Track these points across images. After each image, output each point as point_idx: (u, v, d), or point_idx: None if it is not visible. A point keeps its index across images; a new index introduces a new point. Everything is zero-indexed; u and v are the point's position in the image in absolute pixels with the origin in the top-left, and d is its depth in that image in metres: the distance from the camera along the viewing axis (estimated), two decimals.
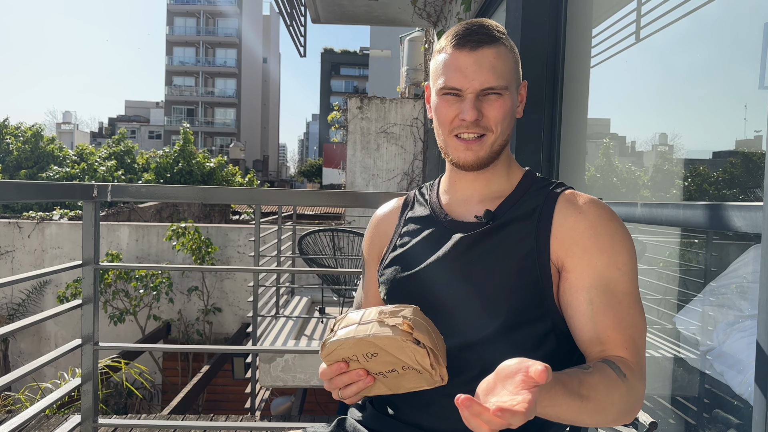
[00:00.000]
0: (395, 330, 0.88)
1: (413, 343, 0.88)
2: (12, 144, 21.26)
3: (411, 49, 9.11)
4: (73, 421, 2.12)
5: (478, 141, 1.08)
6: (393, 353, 0.89)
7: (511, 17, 2.87)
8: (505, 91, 1.07)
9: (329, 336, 0.93)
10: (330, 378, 0.94)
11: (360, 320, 0.92)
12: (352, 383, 0.93)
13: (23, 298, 9.15)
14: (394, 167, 8.57)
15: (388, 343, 0.88)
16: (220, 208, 15.33)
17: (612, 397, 0.89)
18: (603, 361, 0.94)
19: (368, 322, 0.91)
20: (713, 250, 2.01)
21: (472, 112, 1.05)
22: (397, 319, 0.90)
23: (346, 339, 0.90)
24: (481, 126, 1.07)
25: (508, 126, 1.09)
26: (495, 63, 1.05)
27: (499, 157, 1.12)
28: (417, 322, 0.90)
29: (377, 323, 0.90)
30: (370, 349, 0.90)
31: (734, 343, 1.75)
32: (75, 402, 5.58)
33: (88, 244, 2.10)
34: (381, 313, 0.92)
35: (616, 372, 0.91)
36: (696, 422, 1.99)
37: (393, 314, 0.91)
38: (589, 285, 0.99)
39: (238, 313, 9.08)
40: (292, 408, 6.46)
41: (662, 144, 2.34)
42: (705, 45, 2.06)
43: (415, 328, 0.88)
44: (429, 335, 0.90)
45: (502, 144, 1.10)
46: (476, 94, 1.06)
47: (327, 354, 0.92)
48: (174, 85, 52.91)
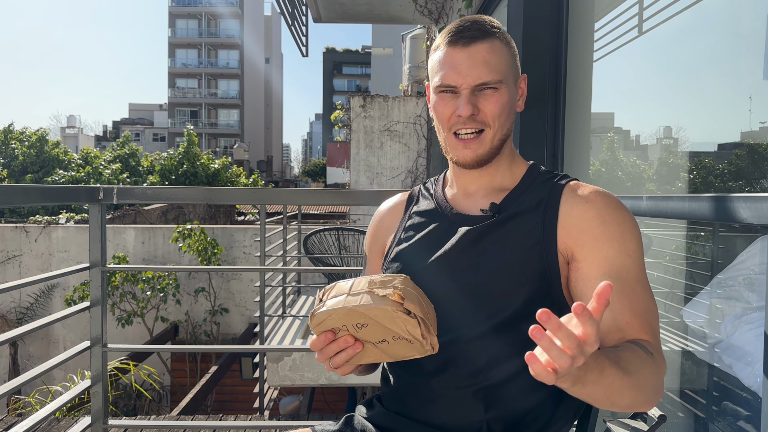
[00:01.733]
0: (386, 300, 0.87)
1: (404, 314, 0.87)
2: (17, 149, 21.35)
3: (413, 47, 9.10)
4: (84, 423, 2.13)
5: (476, 139, 1.08)
6: (383, 323, 0.89)
7: (513, 12, 2.86)
8: (500, 84, 1.07)
9: (318, 306, 0.92)
10: (320, 348, 0.95)
11: (350, 290, 0.91)
12: (341, 350, 0.94)
13: (31, 302, 9.20)
14: (398, 165, 8.56)
15: (378, 314, 0.87)
16: (226, 209, 15.37)
17: (646, 373, 0.87)
18: (629, 342, 0.94)
19: (358, 293, 0.90)
20: (720, 242, 2.00)
21: (467, 107, 1.05)
22: (387, 289, 0.89)
23: (335, 309, 0.89)
24: (477, 121, 1.07)
25: (506, 120, 1.09)
26: (488, 57, 1.06)
27: (500, 151, 1.12)
28: (407, 292, 0.89)
29: (367, 294, 0.89)
30: (360, 320, 0.89)
31: (742, 335, 1.74)
32: (85, 405, 5.60)
33: (95, 247, 2.11)
34: (371, 282, 0.91)
35: (644, 351, 0.91)
36: (705, 415, 1.99)
37: (383, 284, 0.90)
38: (602, 274, 0.99)
39: (245, 314, 9.10)
40: (300, 407, 6.48)
41: (667, 137, 2.33)
42: (708, 37, 2.05)
43: (406, 298, 0.88)
44: (420, 305, 0.90)
45: (501, 138, 1.10)
46: (471, 89, 1.06)
47: (316, 324, 0.92)
48: (177, 88, 53.02)
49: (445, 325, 1.05)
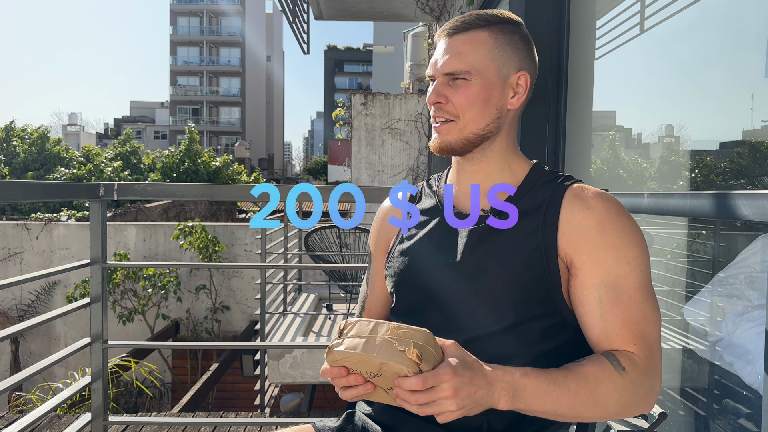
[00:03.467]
0: (402, 357, 0.85)
1: (417, 374, 0.85)
2: (19, 146, 21.37)
3: (414, 45, 9.10)
4: (84, 419, 2.13)
5: (445, 125, 1.08)
6: (396, 376, 0.87)
7: (515, 9, 2.86)
8: (470, 75, 1.05)
9: (337, 342, 0.91)
10: (331, 378, 0.94)
11: (369, 332, 0.89)
12: (351, 387, 0.93)
13: (32, 299, 9.22)
14: (399, 163, 8.56)
15: (392, 369, 0.86)
16: (227, 207, 15.38)
17: (605, 388, 0.91)
18: (603, 353, 0.95)
19: (377, 340, 0.88)
20: (721, 240, 2.00)
21: (432, 95, 1.07)
22: (407, 345, 0.86)
23: (352, 354, 0.88)
24: (445, 110, 1.07)
25: (480, 113, 1.06)
26: (461, 48, 1.05)
27: (485, 147, 1.10)
28: (426, 351, 0.87)
29: (386, 343, 0.87)
30: (374, 369, 0.88)
31: (743, 333, 1.74)
32: (86, 401, 5.62)
33: (96, 243, 2.11)
34: (393, 331, 0.88)
35: (614, 364, 0.92)
36: (706, 413, 1.99)
37: (404, 337, 0.87)
38: (598, 282, 0.98)
39: (246, 311, 9.11)
40: (301, 405, 6.48)
41: (668, 135, 2.33)
42: (710, 35, 2.04)
43: (423, 360, 0.85)
44: (435, 366, 0.87)
45: (476, 132, 1.08)
46: (442, 79, 1.07)
47: (332, 361, 0.91)
48: (178, 85, 53.02)
49: (448, 325, 1.05)
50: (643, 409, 0.95)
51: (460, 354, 0.87)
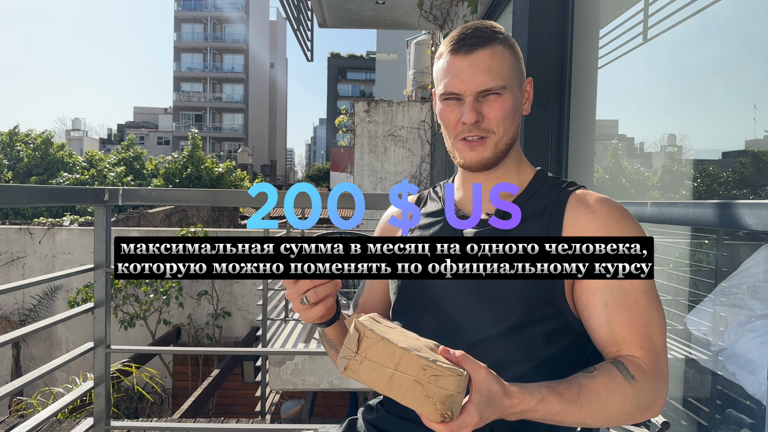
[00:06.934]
0: (430, 407, 0.78)
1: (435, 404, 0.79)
2: (22, 151, 21.45)
3: (417, 53, 9.12)
4: (86, 424, 2.13)
5: (481, 141, 1.09)
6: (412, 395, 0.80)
7: (518, 17, 2.87)
8: (504, 90, 1.07)
9: (355, 360, 0.81)
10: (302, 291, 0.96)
11: (396, 366, 0.79)
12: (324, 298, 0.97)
13: (34, 303, 9.22)
14: (402, 170, 8.57)
15: (416, 410, 0.80)
16: (229, 213, 15.39)
17: (617, 401, 0.91)
18: (612, 361, 0.95)
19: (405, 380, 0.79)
20: (724, 249, 2.00)
21: (471, 114, 1.06)
22: (437, 396, 0.78)
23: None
24: (482, 128, 1.08)
25: (511, 125, 1.10)
26: (490, 64, 1.06)
27: (507, 156, 1.12)
28: (456, 402, 0.79)
29: (414, 386, 0.78)
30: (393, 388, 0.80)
31: (746, 343, 1.74)
32: (87, 406, 5.61)
33: (100, 248, 2.11)
34: (421, 372, 0.78)
35: (624, 374, 0.93)
36: (708, 423, 1.98)
37: (434, 382, 0.78)
38: (603, 286, 0.99)
39: (247, 317, 9.11)
40: (302, 411, 6.46)
41: (671, 145, 2.33)
42: (713, 44, 2.05)
43: (452, 411, 0.79)
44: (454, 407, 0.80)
45: (507, 143, 1.10)
46: (474, 96, 1.07)
47: (347, 374, 0.81)
48: (182, 91, 53.17)
49: (451, 328, 1.05)
50: (652, 414, 0.95)
51: (487, 387, 0.83)
